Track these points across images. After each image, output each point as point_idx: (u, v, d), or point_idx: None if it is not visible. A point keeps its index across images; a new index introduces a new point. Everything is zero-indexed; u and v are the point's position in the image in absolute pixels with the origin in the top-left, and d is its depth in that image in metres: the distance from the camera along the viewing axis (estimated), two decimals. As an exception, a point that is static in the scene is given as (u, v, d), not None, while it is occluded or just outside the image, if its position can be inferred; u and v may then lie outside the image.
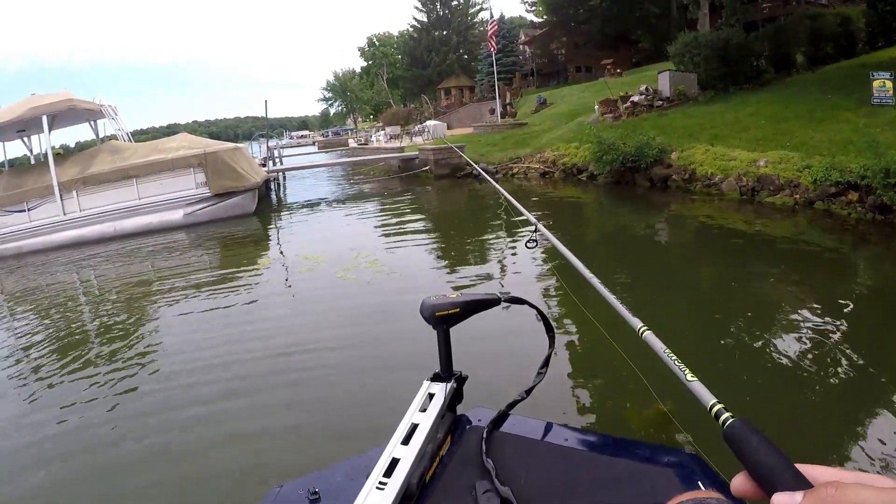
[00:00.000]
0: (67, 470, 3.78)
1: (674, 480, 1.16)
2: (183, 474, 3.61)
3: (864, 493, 0.41)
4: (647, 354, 1.26)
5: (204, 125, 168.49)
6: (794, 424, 3.65)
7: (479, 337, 4.77)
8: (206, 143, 16.02)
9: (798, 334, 4.97)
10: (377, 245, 9.73)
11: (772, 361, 4.52)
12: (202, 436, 4.02)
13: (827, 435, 3.54)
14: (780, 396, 4.01)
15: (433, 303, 1.40)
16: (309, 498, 1.19)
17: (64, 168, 14.17)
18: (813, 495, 0.44)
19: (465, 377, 1.49)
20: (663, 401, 2.44)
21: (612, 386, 4.30)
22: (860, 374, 4.22)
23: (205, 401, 4.51)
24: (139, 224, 14.10)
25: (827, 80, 14.56)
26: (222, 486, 3.42)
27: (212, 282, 8.36)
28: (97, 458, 3.90)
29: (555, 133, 19.97)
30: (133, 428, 4.23)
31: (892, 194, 8.20)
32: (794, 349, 4.68)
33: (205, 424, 4.16)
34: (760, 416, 3.56)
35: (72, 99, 14.72)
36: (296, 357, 5.15)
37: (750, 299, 6.05)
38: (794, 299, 5.94)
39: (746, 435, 0.58)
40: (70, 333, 6.72)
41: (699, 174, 11.95)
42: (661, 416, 3.07)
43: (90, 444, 4.08)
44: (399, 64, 65.68)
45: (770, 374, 4.33)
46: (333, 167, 28.86)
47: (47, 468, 3.78)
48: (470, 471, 1.22)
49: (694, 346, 4.91)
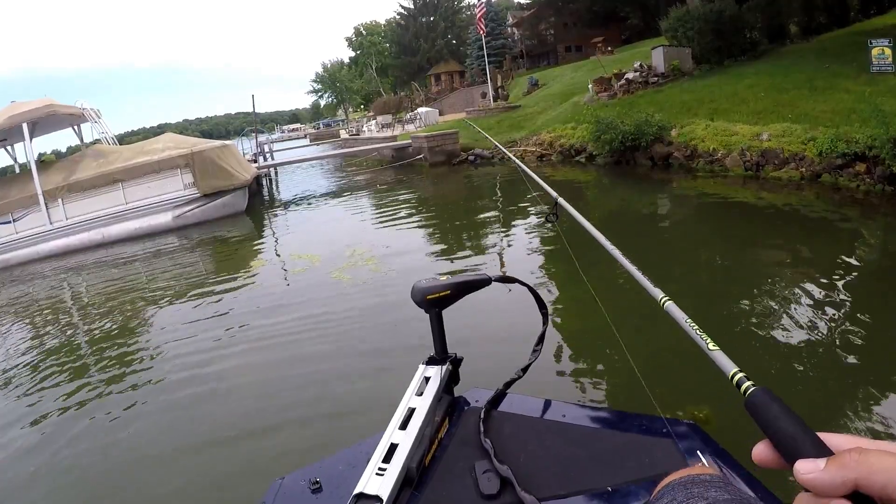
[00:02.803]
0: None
1: (673, 451, 1.16)
2: (187, 474, 3.62)
3: (887, 459, 0.41)
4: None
5: (195, 123, 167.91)
6: (805, 395, 3.65)
7: (475, 317, 4.83)
8: (193, 142, 15.61)
9: (807, 308, 4.88)
10: (373, 240, 9.40)
11: (782, 334, 4.43)
12: (205, 437, 4.01)
13: (838, 407, 3.46)
14: (791, 368, 3.96)
15: (424, 286, 1.39)
16: (311, 488, 1.21)
17: (48, 176, 13.77)
18: (836, 461, 0.44)
19: (460, 359, 1.48)
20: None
21: (610, 364, 4.29)
22: (873, 347, 4.15)
23: (204, 405, 4.46)
24: (127, 229, 13.74)
25: (823, 50, 14.26)
26: (228, 483, 3.44)
27: (203, 287, 8.06)
28: (92, 469, 3.85)
29: (550, 114, 19.64)
30: (128, 432, 4.19)
31: (901, 164, 7.93)
32: (805, 322, 4.59)
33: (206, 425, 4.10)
34: (771, 386, 3.43)
35: (52, 105, 14.27)
36: (294, 367, 4.92)
37: (757, 276, 5.88)
38: (802, 274, 5.72)
39: (768, 403, 0.57)
40: (59, 346, 6.46)
41: (701, 150, 11.65)
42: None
43: (85, 454, 4.03)
44: (387, 52, 65.29)
45: (780, 346, 4.26)
46: (326, 160, 28.48)
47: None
48: (469, 452, 1.23)
49: (701, 322, 4.69)
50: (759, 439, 0.53)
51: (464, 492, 1.13)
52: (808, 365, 3.99)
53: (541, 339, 1.55)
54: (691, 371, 3.84)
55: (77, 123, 17.10)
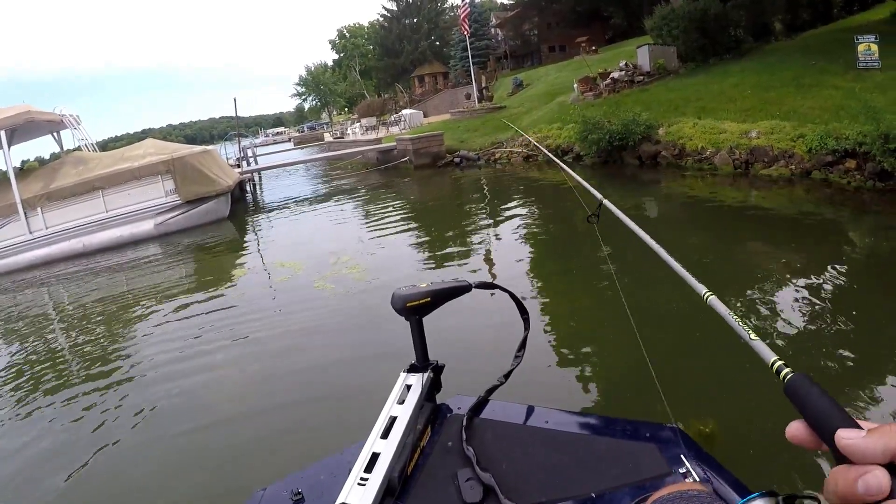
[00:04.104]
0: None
1: (656, 456, 1.16)
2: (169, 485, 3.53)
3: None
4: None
5: (178, 128, 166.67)
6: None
7: (457, 324, 4.78)
8: (174, 147, 15.23)
9: (797, 304, 4.83)
10: (357, 247, 9.15)
11: (771, 330, 4.38)
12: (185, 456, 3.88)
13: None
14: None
15: (404, 293, 1.38)
16: (292, 499, 1.19)
17: (27, 184, 13.36)
18: (877, 430, 0.46)
19: (441, 366, 1.47)
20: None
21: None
22: (863, 343, 4.12)
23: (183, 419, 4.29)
24: (108, 238, 13.35)
25: (807, 47, 14.30)
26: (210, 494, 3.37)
27: (181, 300, 7.74)
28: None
29: (535, 115, 19.53)
30: (113, 448, 4.05)
31: (892, 160, 7.87)
32: (794, 319, 4.54)
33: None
34: (766, 386, 3.53)
35: (30, 111, 13.87)
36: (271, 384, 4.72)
37: (748, 273, 5.81)
38: (793, 271, 5.64)
39: (807, 386, 0.59)
40: (35, 360, 6.17)
41: (689, 149, 11.57)
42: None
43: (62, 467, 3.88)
44: (371, 54, 65.09)
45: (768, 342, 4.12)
46: (310, 164, 28.19)
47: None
48: (451, 460, 1.22)
49: (692, 319, 4.80)
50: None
51: (447, 500, 1.12)
52: (798, 360, 3.91)
53: (522, 344, 1.54)
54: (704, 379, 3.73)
55: (56, 130, 16.69)
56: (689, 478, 1.08)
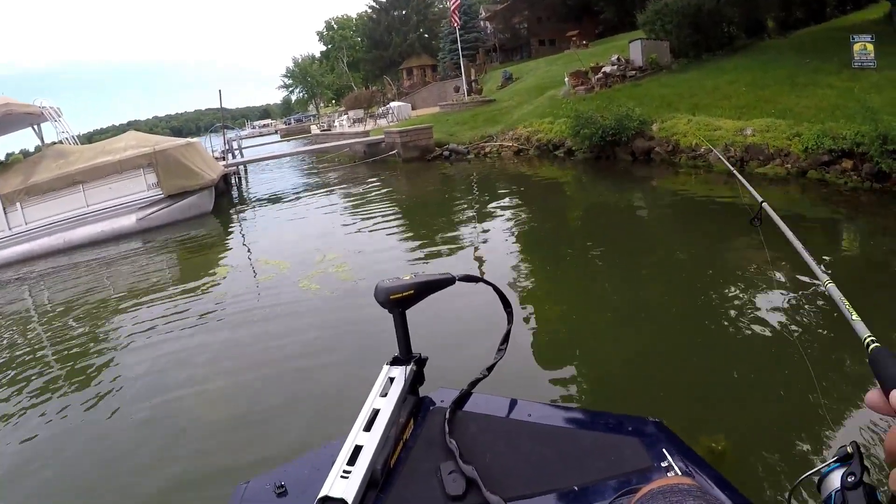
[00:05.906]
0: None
1: (640, 449, 1.16)
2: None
3: None
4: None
5: (164, 120, 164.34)
6: (786, 391, 3.52)
7: (440, 317, 4.78)
8: (156, 140, 14.81)
9: (789, 303, 4.79)
10: (344, 243, 8.89)
11: (760, 328, 4.38)
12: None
13: (812, 404, 3.26)
14: (768, 363, 3.90)
15: (387, 286, 1.37)
16: (276, 492, 1.19)
17: (6, 178, 12.91)
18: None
19: (424, 359, 1.47)
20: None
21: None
22: (855, 343, 3.92)
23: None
24: (90, 233, 12.93)
25: (801, 45, 14.24)
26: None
27: (165, 298, 7.43)
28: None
29: (525, 108, 19.32)
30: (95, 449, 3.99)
31: (890, 161, 7.77)
32: (786, 317, 4.52)
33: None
34: (749, 387, 3.67)
35: (9, 103, 13.37)
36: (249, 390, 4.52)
37: (741, 272, 5.75)
38: (788, 270, 5.50)
39: (887, 357, 0.66)
40: (13, 358, 5.89)
41: (683, 145, 11.43)
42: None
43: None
44: (359, 46, 64.57)
45: (755, 340, 4.23)
46: (297, 156, 27.78)
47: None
48: (434, 453, 1.22)
49: (681, 316, 4.91)
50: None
51: (429, 493, 1.12)
52: (785, 360, 3.87)
53: (506, 337, 1.54)
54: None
55: (37, 123, 16.14)
56: (671, 472, 1.08)
